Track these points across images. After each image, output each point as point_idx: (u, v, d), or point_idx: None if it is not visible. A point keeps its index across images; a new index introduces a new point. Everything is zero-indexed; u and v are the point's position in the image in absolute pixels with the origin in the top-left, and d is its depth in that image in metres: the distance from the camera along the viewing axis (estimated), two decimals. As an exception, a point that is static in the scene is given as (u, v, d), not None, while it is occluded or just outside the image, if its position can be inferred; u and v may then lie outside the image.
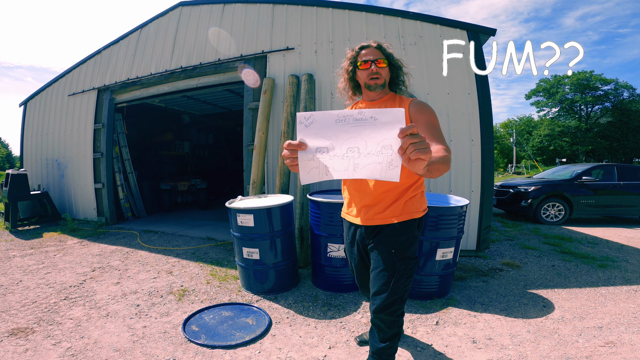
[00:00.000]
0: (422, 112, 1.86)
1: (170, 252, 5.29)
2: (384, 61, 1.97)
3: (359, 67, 2.01)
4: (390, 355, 2.08)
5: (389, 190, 1.95)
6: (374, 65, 1.95)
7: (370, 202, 2.00)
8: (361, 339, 2.67)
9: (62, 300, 3.55)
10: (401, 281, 1.93)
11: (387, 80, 2.02)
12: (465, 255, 4.84)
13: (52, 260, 4.93)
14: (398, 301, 1.95)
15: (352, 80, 2.12)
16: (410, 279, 1.98)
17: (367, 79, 1.98)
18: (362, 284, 2.32)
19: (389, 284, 1.92)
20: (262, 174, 5.14)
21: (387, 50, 2.01)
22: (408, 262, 1.94)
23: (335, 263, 3.61)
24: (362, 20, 5.09)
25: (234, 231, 3.67)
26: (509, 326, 2.94)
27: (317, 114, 1.32)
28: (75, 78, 8.05)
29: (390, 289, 1.92)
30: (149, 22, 7.09)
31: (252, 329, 2.91)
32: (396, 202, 1.96)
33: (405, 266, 1.93)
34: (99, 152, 7.41)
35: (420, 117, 1.84)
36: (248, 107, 5.65)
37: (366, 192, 1.99)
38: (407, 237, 1.95)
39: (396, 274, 1.92)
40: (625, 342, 2.66)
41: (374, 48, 1.98)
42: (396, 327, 2.02)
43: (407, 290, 1.99)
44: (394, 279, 1.91)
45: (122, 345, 2.69)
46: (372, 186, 1.97)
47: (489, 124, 4.60)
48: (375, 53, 1.97)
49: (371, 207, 2.00)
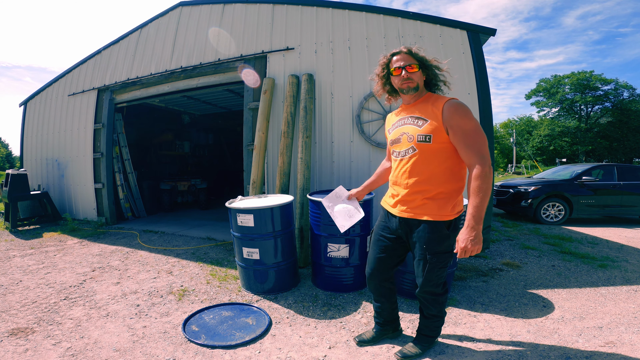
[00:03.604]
0: (454, 117, 1.99)
1: (170, 252, 5.28)
2: (416, 65, 2.11)
3: (393, 73, 2.17)
4: (435, 329, 2.48)
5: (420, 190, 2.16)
6: (404, 72, 2.11)
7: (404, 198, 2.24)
8: (360, 339, 2.68)
9: (62, 300, 3.55)
10: (434, 270, 2.18)
11: (421, 83, 2.16)
12: (465, 255, 4.83)
13: (52, 260, 4.93)
14: (432, 285, 2.24)
15: (386, 85, 2.30)
16: (444, 269, 2.22)
17: (400, 84, 2.16)
18: (373, 269, 2.51)
19: (424, 271, 2.20)
20: (262, 174, 5.14)
21: (419, 54, 2.14)
22: (440, 255, 2.16)
23: (336, 263, 3.61)
24: (362, 20, 5.09)
25: (234, 231, 3.67)
26: (509, 326, 2.93)
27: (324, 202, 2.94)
28: (75, 78, 8.04)
29: (424, 276, 2.21)
30: (149, 22, 7.09)
31: (252, 329, 2.91)
32: (428, 201, 2.15)
33: (436, 259, 2.15)
34: (99, 152, 7.40)
35: (453, 124, 1.99)
36: (248, 107, 5.64)
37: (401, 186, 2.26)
38: (437, 235, 2.13)
39: (429, 264, 2.17)
40: (625, 342, 2.66)
41: (405, 54, 2.14)
42: (437, 305, 2.36)
43: (442, 277, 2.25)
44: (427, 269, 2.18)
45: (122, 345, 2.69)
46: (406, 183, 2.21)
47: (489, 124, 4.59)
48: (406, 59, 2.12)
49: (406, 202, 2.23)
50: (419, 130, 2.07)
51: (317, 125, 5.17)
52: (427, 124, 2.05)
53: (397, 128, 2.24)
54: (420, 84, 2.14)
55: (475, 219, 1.93)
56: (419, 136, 2.06)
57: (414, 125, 2.10)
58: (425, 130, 2.05)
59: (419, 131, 2.07)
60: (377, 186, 2.83)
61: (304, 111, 4.95)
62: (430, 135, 2.03)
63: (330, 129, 5.11)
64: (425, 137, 2.04)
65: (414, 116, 2.13)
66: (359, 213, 2.70)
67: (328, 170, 5.08)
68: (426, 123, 2.05)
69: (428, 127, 2.04)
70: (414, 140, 2.09)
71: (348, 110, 5.00)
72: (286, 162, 4.90)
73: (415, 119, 2.11)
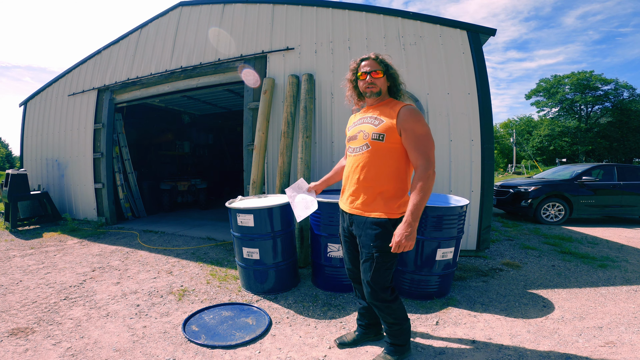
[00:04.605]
0: (408, 121, 2.09)
1: (170, 252, 5.28)
2: (381, 72, 2.21)
3: (359, 77, 2.27)
4: (401, 337, 2.39)
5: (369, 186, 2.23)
6: (369, 76, 2.21)
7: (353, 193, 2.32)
8: (341, 341, 2.66)
9: (62, 300, 3.55)
10: (380, 271, 2.21)
11: (384, 89, 2.26)
12: (465, 255, 4.84)
13: (52, 260, 4.93)
14: (379, 288, 2.24)
15: (356, 89, 2.38)
16: (390, 271, 2.25)
17: (364, 88, 2.26)
18: (349, 268, 2.59)
19: (371, 270, 2.23)
20: (262, 174, 5.14)
21: (386, 61, 2.23)
22: (386, 255, 2.18)
23: (335, 263, 3.61)
24: (362, 20, 5.09)
25: (234, 231, 3.66)
26: (509, 326, 2.93)
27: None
28: (75, 78, 8.04)
29: (372, 277, 2.23)
30: (149, 22, 7.09)
31: (252, 329, 2.90)
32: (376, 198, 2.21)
33: (382, 258, 2.19)
34: (99, 152, 7.40)
35: (407, 127, 2.08)
36: (248, 107, 5.64)
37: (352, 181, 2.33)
38: (383, 232, 2.17)
39: (375, 263, 2.20)
40: (625, 342, 2.66)
41: (372, 59, 2.22)
42: (391, 312, 2.32)
43: (388, 280, 2.26)
44: (373, 268, 2.22)
45: (122, 345, 2.69)
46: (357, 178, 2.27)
47: (489, 124, 4.60)
48: (372, 65, 2.21)
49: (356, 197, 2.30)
50: (375, 128, 2.17)
51: (317, 125, 5.17)
52: (383, 124, 2.15)
53: (356, 126, 2.34)
54: (383, 90, 2.24)
55: (413, 216, 1.99)
56: (374, 134, 2.16)
57: (371, 124, 2.21)
58: (380, 129, 2.15)
59: (374, 129, 2.17)
60: (334, 182, 2.84)
61: (304, 111, 4.95)
62: (384, 135, 2.13)
63: (330, 129, 5.11)
64: (379, 135, 2.14)
65: (373, 116, 2.24)
66: (315, 205, 2.74)
67: (328, 170, 5.04)
68: (382, 123, 2.16)
69: (383, 126, 2.14)
70: (368, 137, 2.19)
71: (348, 110, 5.00)
72: (286, 162, 4.90)
73: (374, 119, 2.22)
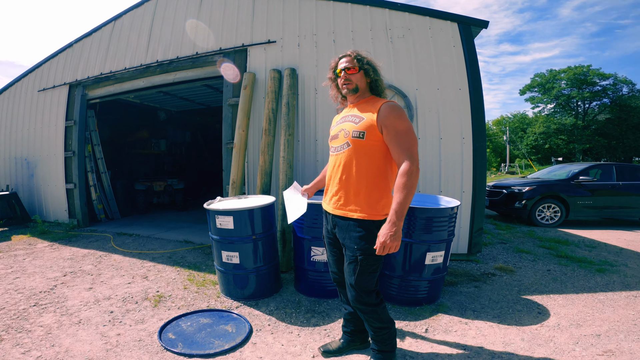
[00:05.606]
0: (389, 117, 2.06)
1: (146, 255, 5.12)
2: (357, 68, 2.19)
3: (338, 75, 2.27)
4: (387, 342, 2.30)
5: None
6: (343, 73, 2.20)
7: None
8: (326, 349, 2.59)
9: (32, 306, 3.43)
10: (365, 274, 2.16)
11: (361, 86, 2.23)
12: (456, 260, 4.74)
13: (21, 264, 4.76)
14: (363, 291, 2.19)
15: (337, 87, 2.36)
16: (374, 274, 2.20)
17: (340, 85, 2.26)
18: (333, 271, 2.54)
19: (354, 274, 2.18)
20: (243, 173, 5.01)
21: (361, 55, 2.21)
22: (370, 258, 2.13)
23: (319, 267, 3.52)
24: (348, 11, 4.97)
25: (212, 234, 3.56)
26: (502, 334, 2.87)
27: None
28: (46, 73, 7.74)
29: (356, 280, 2.18)
30: (124, 13, 6.82)
31: (231, 337, 2.82)
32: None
33: (367, 261, 2.13)
34: (71, 151, 7.13)
35: (387, 123, 2.05)
36: (227, 103, 5.47)
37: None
38: (367, 233, 2.12)
39: (359, 266, 2.15)
40: (624, 351, 2.60)
41: (348, 56, 2.21)
42: (376, 316, 2.27)
43: (372, 283, 2.21)
44: (358, 271, 2.16)
45: (95, 354, 2.60)
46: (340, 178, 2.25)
47: (481, 121, 4.54)
48: (349, 61, 2.20)
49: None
50: (355, 126, 2.15)
51: (300, 122, 5.03)
52: (363, 122, 2.13)
53: (338, 125, 2.33)
54: (360, 86, 2.22)
55: (397, 215, 1.93)
56: (354, 132, 2.14)
57: (352, 122, 2.19)
58: (360, 127, 2.13)
59: (355, 127, 2.15)
60: (324, 185, 2.74)
61: (287, 107, 4.81)
62: (364, 132, 2.11)
63: (314, 126, 4.99)
64: (360, 133, 2.12)
65: (354, 114, 2.22)
66: (305, 208, 2.70)
67: (312, 169, 4.95)
68: (362, 120, 2.14)
69: (363, 124, 2.12)
70: (349, 136, 2.17)
71: (333, 106, 4.87)
72: (268, 161, 4.77)
73: (354, 117, 2.20)
